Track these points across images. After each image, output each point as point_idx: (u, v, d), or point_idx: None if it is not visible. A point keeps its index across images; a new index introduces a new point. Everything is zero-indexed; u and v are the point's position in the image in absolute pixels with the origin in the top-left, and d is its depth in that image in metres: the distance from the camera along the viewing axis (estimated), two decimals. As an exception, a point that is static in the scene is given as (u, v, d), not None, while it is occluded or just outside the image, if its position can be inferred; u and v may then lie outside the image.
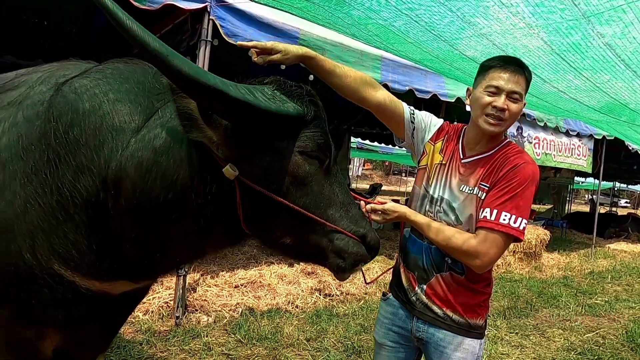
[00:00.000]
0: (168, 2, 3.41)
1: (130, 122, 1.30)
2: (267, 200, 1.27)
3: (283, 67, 4.05)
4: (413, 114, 1.79)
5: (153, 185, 1.28)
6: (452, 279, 1.64)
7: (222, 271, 5.00)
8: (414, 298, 1.71)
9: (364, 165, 31.99)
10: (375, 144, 14.90)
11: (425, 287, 1.68)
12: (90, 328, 1.69)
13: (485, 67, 1.65)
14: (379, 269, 5.37)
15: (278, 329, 3.77)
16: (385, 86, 4.87)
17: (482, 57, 2.92)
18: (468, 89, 1.74)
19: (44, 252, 1.36)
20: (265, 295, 4.49)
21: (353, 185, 18.20)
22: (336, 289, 4.92)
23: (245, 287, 4.65)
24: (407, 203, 1.85)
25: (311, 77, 4.25)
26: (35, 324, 1.51)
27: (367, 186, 16.02)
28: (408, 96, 5.12)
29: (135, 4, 3.27)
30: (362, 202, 1.59)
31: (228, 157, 1.25)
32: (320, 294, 4.75)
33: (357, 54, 4.66)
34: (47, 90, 1.39)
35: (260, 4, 3.91)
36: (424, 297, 1.68)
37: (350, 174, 13.93)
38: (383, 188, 16.45)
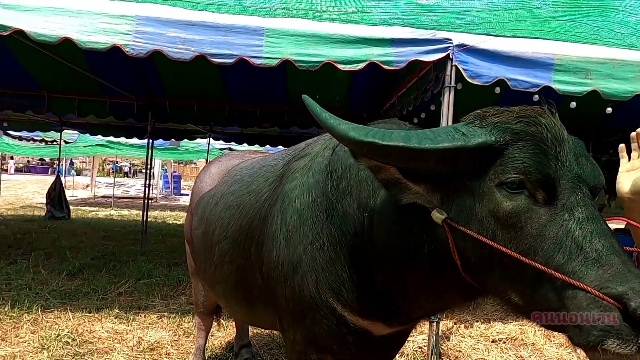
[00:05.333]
0: (412, 59, 3.65)
1: None
2: (478, 245, 1.11)
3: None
4: None
5: (386, 234, 1.39)
6: None
7: (477, 322, 4.68)
8: None
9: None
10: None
11: None
12: None
13: None
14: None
15: (549, 401, 3.20)
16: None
17: None
18: None
19: (323, 286, 1.62)
20: (529, 357, 3.92)
21: None
22: None
23: (504, 343, 4.20)
24: None
25: (535, 97, 3.58)
26: (318, 350, 1.79)
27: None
28: None
29: (385, 66, 3.64)
30: None
31: (435, 204, 1.22)
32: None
33: (638, 67, 3.78)
34: (329, 154, 1.70)
35: (507, 37, 3.74)
36: None
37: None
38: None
